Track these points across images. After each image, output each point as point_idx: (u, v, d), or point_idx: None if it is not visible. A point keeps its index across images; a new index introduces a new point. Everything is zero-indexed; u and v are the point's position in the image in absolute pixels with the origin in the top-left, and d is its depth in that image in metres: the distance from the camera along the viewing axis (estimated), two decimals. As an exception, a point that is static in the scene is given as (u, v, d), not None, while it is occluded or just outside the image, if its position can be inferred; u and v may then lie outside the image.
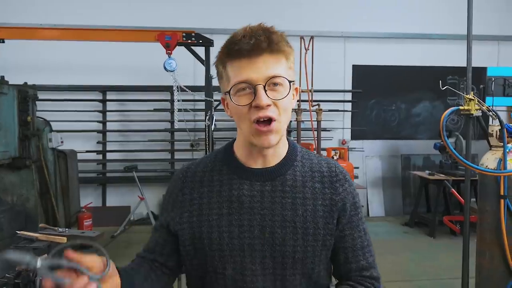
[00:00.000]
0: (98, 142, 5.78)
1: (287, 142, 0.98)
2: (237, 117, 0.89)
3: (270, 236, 0.90)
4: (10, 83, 3.58)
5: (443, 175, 5.14)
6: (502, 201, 2.40)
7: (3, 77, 3.55)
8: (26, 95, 3.64)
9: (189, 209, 0.95)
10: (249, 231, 0.91)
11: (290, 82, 0.88)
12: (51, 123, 4.11)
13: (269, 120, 0.85)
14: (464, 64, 2.62)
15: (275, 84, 0.86)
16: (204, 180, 0.97)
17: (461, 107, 2.48)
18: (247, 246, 0.90)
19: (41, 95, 4.12)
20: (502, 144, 2.44)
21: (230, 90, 0.87)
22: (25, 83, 3.89)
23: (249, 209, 0.91)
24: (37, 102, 3.88)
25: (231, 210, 0.92)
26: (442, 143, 4.99)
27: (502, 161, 2.40)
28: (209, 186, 0.95)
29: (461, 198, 4.50)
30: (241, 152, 0.96)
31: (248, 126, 0.87)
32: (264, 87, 0.84)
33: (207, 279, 0.94)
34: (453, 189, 4.85)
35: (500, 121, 2.42)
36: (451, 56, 6.01)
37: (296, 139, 4.54)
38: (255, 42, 0.83)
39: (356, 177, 5.63)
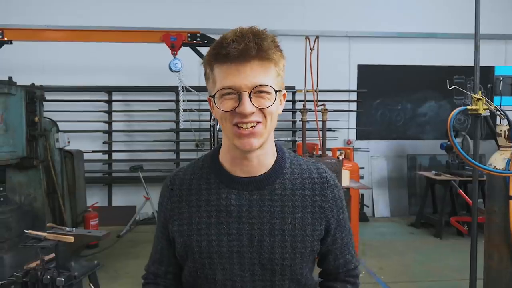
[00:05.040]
0: (104, 142, 5.82)
1: (275, 150, 0.97)
2: (220, 120, 0.88)
3: (259, 244, 0.92)
4: (17, 84, 3.61)
5: (450, 176, 5.09)
6: (510, 201, 2.37)
7: (11, 78, 3.58)
8: (34, 96, 3.67)
9: (179, 217, 0.96)
10: (237, 240, 0.92)
11: (276, 91, 0.86)
12: (58, 123, 4.14)
13: (252, 125, 0.85)
14: (471, 63, 2.59)
15: (261, 91, 0.84)
16: (192, 188, 0.97)
17: (468, 107, 2.46)
18: (236, 254, 0.92)
19: (48, 95, 4.15)
20: (510, 144, 2.41)
21: (215, 94, 0.86)
22: (33, 84, 3.92)
23: (238, 218, 0.92)
24: (44, 103, 3.91)
25: (220, 219, 0.93)
26: (449, 143, 4.95)
27: (511, 161, 2.37)
28: (197, 194, 0.95)
29: (469, 199, 4.46)
30: (226, 158, 0.95)
31: (231, 128, 0.86)
32: (250, 94, 0.83)
33: (199, 284, 0.96)
34: (460, 190, 4.81)
35: (509, 121, 2.40)
36: (457, 55, 5.96)
37: (301, 139, 4.53)
38: (244, 48, 0.80)
39: (362, 177, 5.60)
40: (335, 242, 1.00)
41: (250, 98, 0.83)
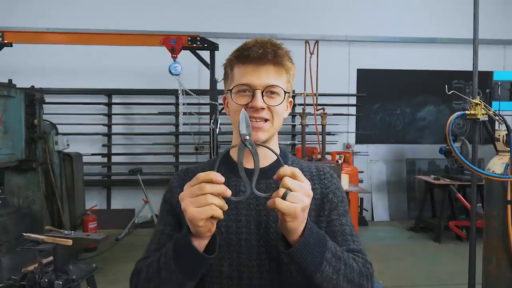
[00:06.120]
0: (103, 145, 5.82)
1: (279, 149, 1.05)
2: (233, 114, 0.97)
3: (265, 231, 0.94)
4: (17, 86, 3.62)
5: (449, 180, 5.10)
6: (509, 206, 2.37)
7: (10, 80, 3.59)
8: (33, 98, 3.68)
9: None
10: (246, 226, 0.95)
11: (285, 93, 0.97)
12: (57, 126, 4.14)
13: (261, 120, 0.95)
14: (469, 68, 2.61)
15: (272, 92, 0.95)
16: None
17: (467, 112, 2.46)
18: (244, 241, 0.94)
19: (47, 98, 4.16)
20: (509, 149, 2.42)
21: (232, 88, 0.96)
22: (32, 86, 3.93)
23: (246, 204, 0.96)
24: (43, 105, 3.92)
25: (229, 205, 0.94)
26: (447, 147, 4.96)
27: (509, 166, 2.38)
28: None
29: (467, 203, 4.47)
30: (235, 152, 1.00)
31: None
32: (262, 92, 0.94)
33: (201, 278, 0.92)
34: (459, 194, 4.81)
35: (507, 126, 2.41)
36: (456, 60, 5.98)
37: (300, 142, 4.54)
38: (263, 52, 0.93)
39: (361, 181, 5.61)
40: (331, 224, 0.98)
41: (262, 96, 0.94)
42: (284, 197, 0.76)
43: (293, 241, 0.81)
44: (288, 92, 0.99)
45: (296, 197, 0.76)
